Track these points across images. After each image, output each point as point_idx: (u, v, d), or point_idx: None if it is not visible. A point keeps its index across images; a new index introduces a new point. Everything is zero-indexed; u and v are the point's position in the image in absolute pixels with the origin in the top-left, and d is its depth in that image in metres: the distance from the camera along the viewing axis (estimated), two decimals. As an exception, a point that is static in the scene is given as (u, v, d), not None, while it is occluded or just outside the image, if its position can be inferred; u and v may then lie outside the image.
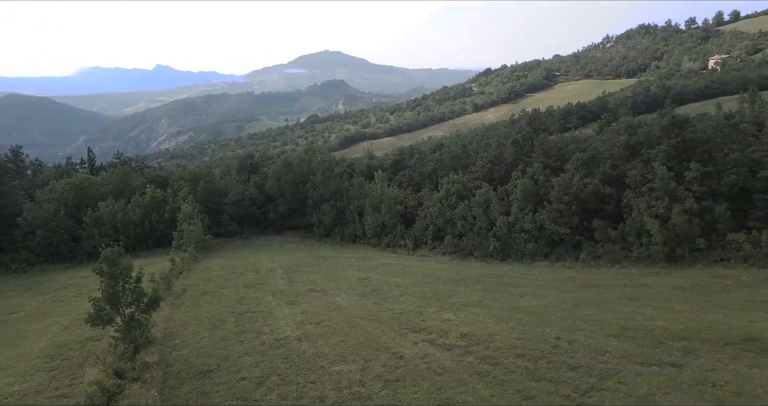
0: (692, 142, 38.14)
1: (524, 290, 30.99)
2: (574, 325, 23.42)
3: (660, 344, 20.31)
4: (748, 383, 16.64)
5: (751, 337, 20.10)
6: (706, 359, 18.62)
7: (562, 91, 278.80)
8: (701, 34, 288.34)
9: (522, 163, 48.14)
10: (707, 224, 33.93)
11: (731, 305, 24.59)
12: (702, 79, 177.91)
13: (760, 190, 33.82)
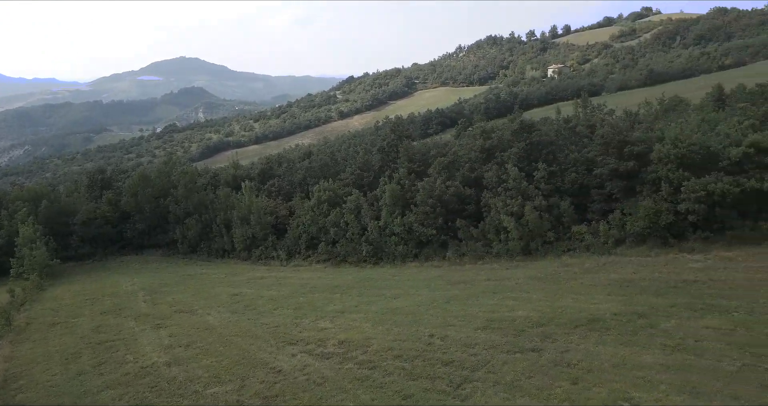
0: (538, 144, 41.91)
1: (397, 292, 31.88)
2: (446, 321, 24.56)
3: (522, 332, 21.98)
4: (596, 359, 18.59)
5: (596, 318, 22.51)
6: (561, 342, 20.50)
7: (422, 98, 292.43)
8: (540, 46, 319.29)
9: (389, 169, 49.60)
10: (555, 219, 37.44)
11: (579, 290, 27.36)
12: (543, 87, 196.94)
13: (595, 186, 38.04)
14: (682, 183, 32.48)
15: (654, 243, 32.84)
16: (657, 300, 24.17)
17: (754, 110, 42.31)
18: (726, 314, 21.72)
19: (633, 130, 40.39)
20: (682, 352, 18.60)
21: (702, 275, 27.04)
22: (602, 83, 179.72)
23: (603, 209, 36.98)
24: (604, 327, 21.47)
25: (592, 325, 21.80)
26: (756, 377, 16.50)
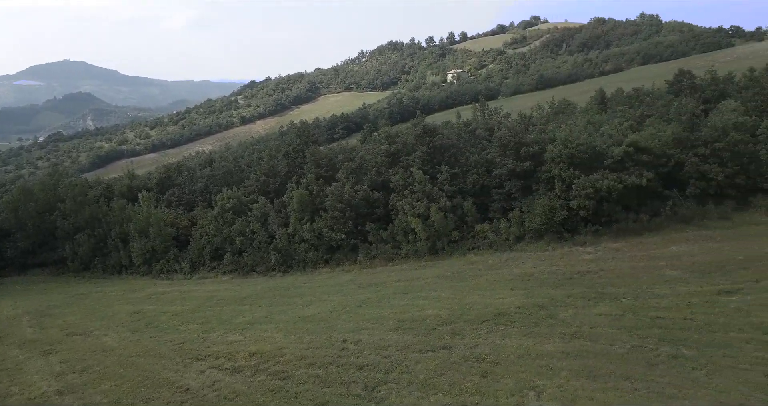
0: (441, 147, 43.21)
1: (309, 299, 31.49)
2: (359, 325, 24.58)
3: (433, 331, 22.48)
4: (503, 352, 19.41)
5: (501, 312, 23.51)
6: (470, 338, 21.19)
7: (326, 102, 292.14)
8: (439, 52, 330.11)
9: (296, 175, 48.98)
10: (459, 219, 38.74)
11: (484, 287, 28.46)
12: (443, 91, 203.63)
13: (495, 186, 39.82)
14: (573, 181, 34.81)
15: (551, 238, 34.91)
16: (555, 292, 25.69)
17: (632, 112, 46.29)
18: (615, 301, 23.52)
19: (527, 132, 42.79)
20: (579, 339, 19.88)
21: (594, 266, 29.12)
22: (498, 88, 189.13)
23: (503, 207, 38.79)
24: (509, 320, 22.48)
25: (498, 319, 22.75)
26: (643, 356, 17.98)
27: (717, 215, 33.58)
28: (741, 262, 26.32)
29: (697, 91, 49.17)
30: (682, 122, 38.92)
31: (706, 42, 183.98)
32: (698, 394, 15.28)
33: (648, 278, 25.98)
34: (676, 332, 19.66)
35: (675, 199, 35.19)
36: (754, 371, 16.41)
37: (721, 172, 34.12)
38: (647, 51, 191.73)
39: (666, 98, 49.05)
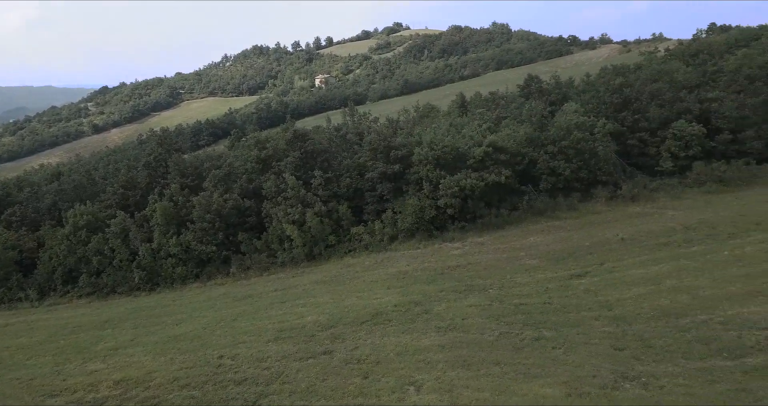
0: (313, 152, 43.05)
1: (180, 317, 29.69)
2: (235, 339, 23.63)
3: (313, 337, 22.26)
4: (383, 351, 19.73)
5: (379, 311, 23.92)
6: (350, 340, 21.28)
7: (189, 108, 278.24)
8: (306, 56, 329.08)
9: (158, 186, 45.98)
10: (335, 222, 38.85)
11: (362, 288, 28.78)
12: (312, 96, 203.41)
13: (368, 189, 40.51)
14: (440, 181, 36.47)
15: (422, 236, 36.26)
16: (429, 287, 26.71)
17: (489, 115, 49.61)
18: (483, 292, 25.01)
19: (396, 136, 44.10)
20: (453, 331, 20.82)
21: (462, 260, 30.72)
22: (366, 92, 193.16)
23: (377, 209, 39.58)
24: (387, 319, 22.93)
25: (377, 319, 23.11)
26: (510, 342, 19.28)
27: (566, 206, 37.07)
28: (588, 247, 29.29)
29: (544, 94, 53.96)
30: (533, 123, 42.47)
31: (550, 49, 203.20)
32: (558, 371, 16.68)
33: (510, 268, 27.96)
34: (537, 316, 21.34)
35: (530, 193, 38.30)
36: (603, 345, 18.30)
37: (567, 167, 37.72)
38: (500, 57, 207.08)
39: (518, 101, 53.24)
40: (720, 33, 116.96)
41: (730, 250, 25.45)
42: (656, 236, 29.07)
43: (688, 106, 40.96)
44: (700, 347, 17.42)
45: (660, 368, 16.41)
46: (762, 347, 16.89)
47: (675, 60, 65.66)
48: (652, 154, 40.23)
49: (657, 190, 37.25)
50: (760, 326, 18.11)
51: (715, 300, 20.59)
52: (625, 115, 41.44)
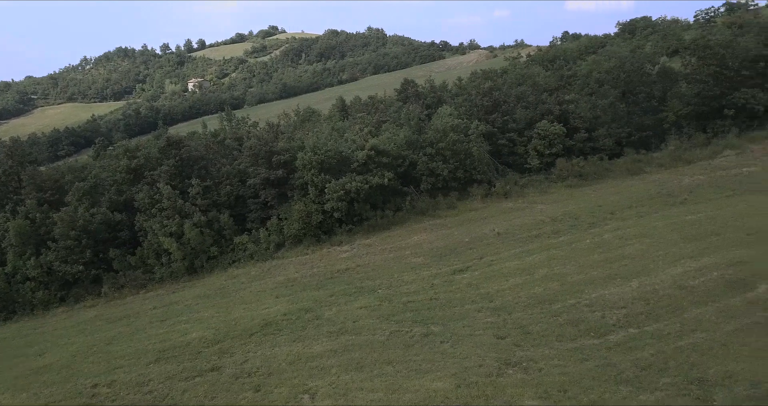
0: (189, 160, 40.97)
1: (43, 347, 26.81)
2: (111, 365, 21.82)
3: (199, 355, 21.16)
4: (274, 362, 19.24)
5: (268, 322, 23.30)
6: (239, 354, 20.50)
7: (45, 116, 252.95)
8: (177, 59, 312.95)
9: (10, 203, 41.19)
10: (216, 233, 37.27)
11: (249, 299, 27.89)
12: (186, 101, 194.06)
13: (251, 196, 39.37)
14: (325, 185, 36.35)
15: (309, 242, 35.93)
16: (319, 293, 26.52)
17: (370, 119, 50.43)
18: (373, 293, 25.32)
19: (277, 140, 43.24)
20: (345, 334, 20.83)
21: (351, 263, 30.89)
22: (243, 97, 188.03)
23: (261, 217, 38.58)
24: (277, 329, 22.42)
25: (266, 329, 22.50)
26: (401, 340, 19.68)
27: (446, 205, 38.67)
28: (467, 243, 30.77)
29: (421, 98, 55.92)
30: (411, 126, 43.81)
31: (424, 54, 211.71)
32: (446, 364, 17.30)
33: (398, 268, 28.60)
34: (425, 312, 22.01)
35: (412, 194, 39.50)
36: (486, 335, 19.30)
37: (445, 168, 39.36)
38: (377, 62, 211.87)
39: (396, 105, 54.66)
40: (572, 40, 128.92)
41: (591, 238, 28.02)
42: (528, 229, 31.25)
43: (550, 108, 44.54)
44: (571, 329, 18.97)
45: (538, 352, 17.62)
46: (622, 325, 18.77)
47: (536, 65, 71.25)
48: (520, 152, 43.22)
49: (526, 186, 40.07)
50: (619, 306, 20.11)
51: (581, 285, 22.54)
52: (495, 117, 44.12)
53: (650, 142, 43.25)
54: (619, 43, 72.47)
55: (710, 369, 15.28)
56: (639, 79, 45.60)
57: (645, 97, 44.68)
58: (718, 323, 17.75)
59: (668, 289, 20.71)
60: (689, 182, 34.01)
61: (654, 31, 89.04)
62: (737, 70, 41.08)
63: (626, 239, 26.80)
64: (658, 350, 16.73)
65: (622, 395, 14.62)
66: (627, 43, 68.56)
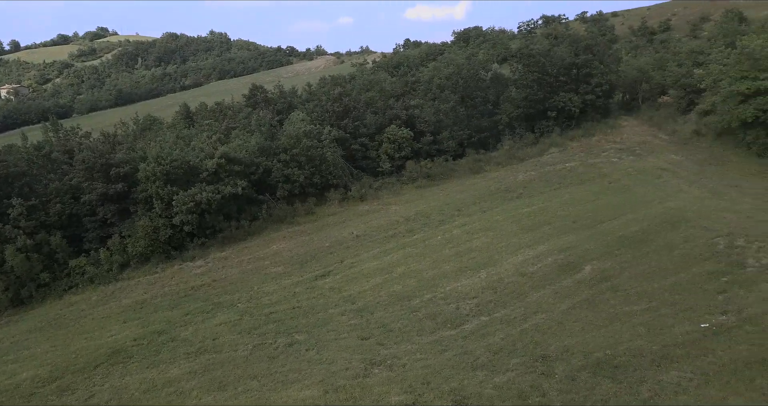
0: (8, 177, 36.04)
1: None
2: None
3: (32, 396, 18.72)
4: (126, 392, 17.63)
5: (116, 350, 21.29)
6: (82, 390, 18.49)
7: None
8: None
9: None
10: (47, 257, 33.19)
11: (91, 328, 25.23)
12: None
13: (87, 213, 35.70)
14: (172, 197, 34.11)
15: (158, 259, 33.43)
16: (172, 313, 24.83)
17: (218, 126, 48.39)
18: (232, 307, 24.32)
19: (115, 151, 39.67)
20: (204, 353, 19.74)
21: (206, 278, 29.37)
22: (71, 104, 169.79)
23: (100, 236, 35.18)
24: (127, 356, 20.59)
25: (114, 358, 20.56)
26: (265, 353, 19.15)
27: (304, 211, 38.41)
28: (328, 248, 30.87)
29: (271, 103, 54.96)
30: (263, 133, 42.86)
31: (271, 59, 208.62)
32: (313, 371, 17.19)
33: (257, 279, 27.80)
34: (288, 321, 21.65)
35: (268, 202, 38.64)
36: (351, 337, 19.51)
37: (301, 174, 39.09)
38: (222, 67, 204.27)
39: (246, 111, 53.13)
40: (414, 47, 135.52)
41: (442, 234, 29.66)
42: (384, 230, 32.21)
43: (397, 113, 46.36)
44: (430, 322, 19.90)
45: (401, 348, 18.22)
46: (474, 314, 20.11)
47: (382, 71, 73.86)
48: (373, 156, 44.43)
49: (380, 188, 41.28)
50: (470, 296, 21.53)
51: (436, 279, 23.75)
52: (346, 123, 44.84)
53: (488, 142, 46.99)
54: (455, 51, 77.63)
55: (551, 346, 16.95)
56: (475, 85, 49.31)
57: (481, 101, 48.46)
58: (555, 304, 19.79)
59: (512, 277, 22.63)
60: (523, 178, 37.50)
61: (485, 40, 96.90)
62: (556, 77, 46.17)
63: (473, 233, 28.80)
64: (506, 334, 18.19)
65: (479, 379, 15.64)
66: (462, 51, 73.68)
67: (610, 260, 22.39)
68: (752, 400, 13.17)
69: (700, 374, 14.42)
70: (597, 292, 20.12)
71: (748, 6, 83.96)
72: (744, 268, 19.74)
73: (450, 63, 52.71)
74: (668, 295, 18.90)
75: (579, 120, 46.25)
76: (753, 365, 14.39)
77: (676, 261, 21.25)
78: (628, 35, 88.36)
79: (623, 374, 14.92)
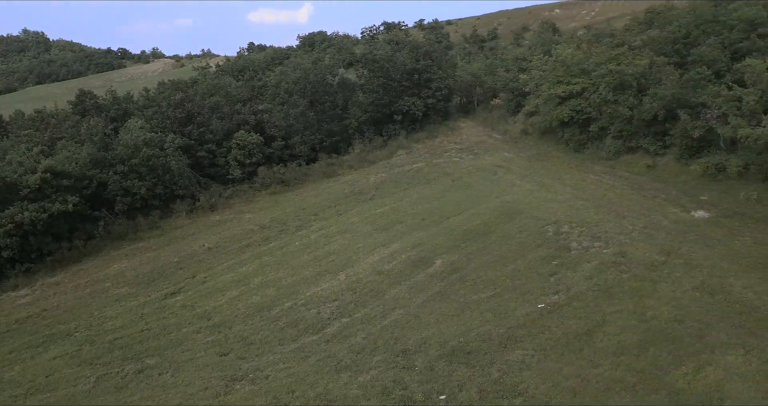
0: None
1: None
2: None
3: None
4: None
5: None
6: None
7: None
8: None
9: None
10: None
11: None
12: None
13: None
14: (-16, 219, 29.67)
15: (-29, 291, 28.87)
16: (-7, 352, 21.59)
17: (40, 136, 43.08)
18: (68, 338, 21.78)
19: None
20: (35, 394, 17.48)
21: (34, 309, 25.93)
22: None
23: None
24: (-65, 410, 17.49)
25: None
26: (111, 383, 17.45)
27: (147, 225, 35.68)
28: (177, 263, 29.01)
29: (103, 110, 50.23)
30: (95, 143, 39.00)
31: (100, 62, 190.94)
32: (168, 396, 16.04)
33: (97, 303, 25.23)
34: (136, 346, 19.95)
35: (106, 218, 35.29)
36: (208, 355, 18.55)
37: (142, 186, 36.27)
38: (41, 70, 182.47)
39: (73, 119, 47.92)
40: (259, 51, 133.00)
41: (299, 240, 29.42)
42: (239, 240, 31.10)
43: (245, 118, 45.06)
44: (291, 330, 19.61)
45: (263, 360, 17.72)
46: (336, 316, 20.23)
47: (226, 75, 71.47)
48: (221, 164, 42.68)
49: (232, 196, 39.79)
50: (331, 299, 21.62)
51: (295, 286, 23.48)
52: (191, 129, 42.54)
53: (340, 146, 47.65)
54: (301, 55, 77.78)
55: (410, 340, 17.63)
56: (323, 90, 49.71)
57: (330, 105, 48.97)
58: (411, 299, 20.63)
59: (370, 276, 23.15)
60: (375, 180, 38.58)
61: (330, 44, 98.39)
62: (399, 81, 48.20)
63: (330, 236, 28.96)
64: (368, 333, 18.55)
65: (344, 381, 15.76)
66: (309, 55, 74.05)
67: (458, 253, 23.89)
68: (581, 367, 14.88)
69: (540, 350, 15.96)
70: (448, 283, 21.35)
71: (560, 18, 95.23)
72: (569, 251, 22.25)
73: (297, 67, 52.58)
74: (509, 281, 20.66)
75: (423, 123, 48.79)
76: (581, 337, 16.28)
77: (514, 249, 23.30)
78: (461, 42, 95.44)
79: (475, 358, 16.00)
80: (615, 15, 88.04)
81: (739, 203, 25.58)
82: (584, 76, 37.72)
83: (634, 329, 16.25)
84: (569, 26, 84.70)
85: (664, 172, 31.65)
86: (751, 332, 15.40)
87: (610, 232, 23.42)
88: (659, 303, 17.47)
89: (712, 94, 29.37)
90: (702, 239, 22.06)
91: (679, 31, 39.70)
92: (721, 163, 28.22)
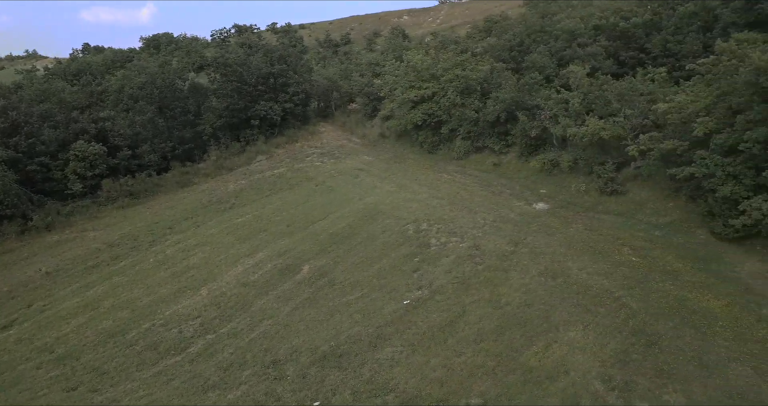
0: None
1: None
2: None
3: None
4: None
5: None
6: None
7: None
8: None
9: None
10: None
11: None
12: None
13: None
14: None
15: None
16: None
17: None
18: None
19: None
20: None
21: None
22: None
23: None
24: None
25: None
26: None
27: (-32, 252, 31.03)
28: (8, 293, 25.62)
29: None
30: None
31: None
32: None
33: None
34: (-40, 393, 17.23)
35: None
36: (53, 392, 16.62)
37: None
38: None
39: None
40: (96, 53, 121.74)
41: (154, 256, 27.45)
42: (83, 261, 28.24)
43: (84, 127, 40.94)
44: (151, 353, 18.24)
45: (119, 389, 16.28)
46: (199, 334, 19.19)
47: (58, 79, 64.49)
48: (58, 178, 38.37)
49: (72, 213, 36.00)
50: (193, 316, 20.47)
51: (152, 306, 21.88)
52: (18, 141, 37.69)
53: (194, 154, 45.25)
54: (146, 58, 72.45)
55: (280, 350, 17.29)
56: (173, 95, 46.87)
57: (181, 111, 46.33)
58: (279, 308, 20.24)
59: (234, 289, 22.31)
60: (234, 188, 37.26)
61: (178, 47, 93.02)
62: (254, 86, 46.96)
63: (188, 250, 27.41)
64: (235, 347, 17.86)
65: (212, 401, 15.02)
66: (154, 59, 69.14)
67: (325, 257, 23.91)
68: (447, 358, 15.67)
69: (408, 345, 16.53)
70: (316, 289, 21.28)
71: (408, 25, 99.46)
72: (429, 247, 23.32)
73: (142, 71, 48.96)
74: (376, 280, 21.13)
75: (282, 127, 48.10)
76: (445, 329, 17.15)
77: (379, 249, 23.89)
78: (315, 46, 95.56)
79: (347, 360, 16.12)
80: (458, 22, 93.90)
81: (572, 194, 28.69)
82: (434, 81, 39.81)
83: (490, 317, 17.47)
84: (417, 32, 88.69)
85: (508, 169, 34.46)
86: (587, 309, 17.33)
87: (464, 227, 24.95)
88: (511, 290, 18.98)
89: (545, 97, 32.63)
90: (543, 229, 24.37)
91: (514, 40, 43.45)
92: (555, 159, 31.42)
